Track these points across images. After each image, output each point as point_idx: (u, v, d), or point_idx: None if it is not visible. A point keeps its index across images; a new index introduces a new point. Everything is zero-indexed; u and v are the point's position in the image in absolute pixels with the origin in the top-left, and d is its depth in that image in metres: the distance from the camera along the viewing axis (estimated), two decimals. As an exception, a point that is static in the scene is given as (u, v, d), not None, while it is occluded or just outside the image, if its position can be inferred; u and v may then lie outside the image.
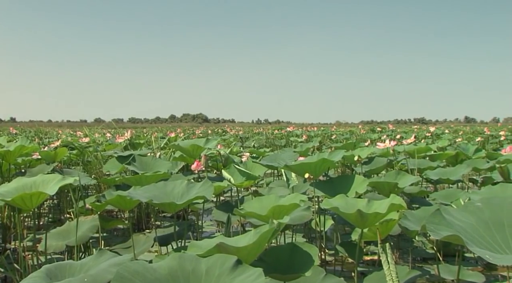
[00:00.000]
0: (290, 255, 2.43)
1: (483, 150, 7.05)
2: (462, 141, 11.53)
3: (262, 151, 7.75)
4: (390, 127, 24.15)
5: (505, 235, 1.67)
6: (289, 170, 3.90)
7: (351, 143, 8.01)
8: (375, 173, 5.40)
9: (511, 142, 11.19)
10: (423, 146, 6.67)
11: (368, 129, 24.28)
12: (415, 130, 23.64)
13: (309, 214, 3.31)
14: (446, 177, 4.87)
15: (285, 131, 19.62)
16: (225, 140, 13.53)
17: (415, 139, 12.40)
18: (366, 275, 3.01)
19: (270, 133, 18.94)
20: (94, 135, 10.75)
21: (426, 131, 19.37)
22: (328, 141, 13.70)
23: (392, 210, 2.55)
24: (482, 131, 19.28)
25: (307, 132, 18.29)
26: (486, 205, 1.79)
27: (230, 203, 4.06)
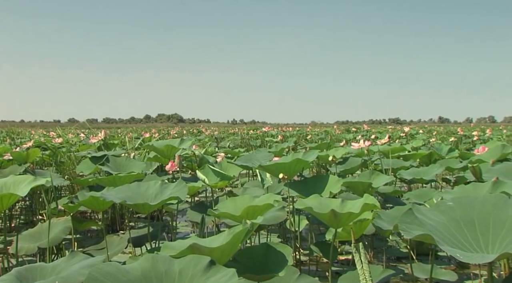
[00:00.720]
0: (264, 256, 2.43)
1: (456, 150, 7.12)
2: (435, 141, 11.64)
3: (237, 152, 7.74)
4: (365, 127, 24.27)
5: (476, 234, 1.69)
6: (263, 171, 3.90)
7: (326, 143, 8.03)
8: (350, 173, 5.42)
9: (484, 142, 11.30)
10: (397, 146, 6.72)
11: (343, 129, 24.40)
12: (389, 130, 23.80)
13: (283, 214, 3.31)
14: (419, 176, 4.91)
15: (261, 131, 19.60)
16: (200, 140, 13.49)
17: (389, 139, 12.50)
18: (341, 274, 3.02)
19: (245, 133, 18.91)
20: (68, 135, 10.64)
21: (401, 131, 19.52)
22: (303, 141, 13.73)
23: (365, 209, 2.56)
24: (456, 131, 19.49)
25: (282, 132, 18.31)
26: (458, 204, 1.80)
27: (205, 203, 4.04)
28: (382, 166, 5.30)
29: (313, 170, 7.13)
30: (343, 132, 20.36)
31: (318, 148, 7.39)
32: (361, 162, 5.37)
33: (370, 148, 6.22)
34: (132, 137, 10.20)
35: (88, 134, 13.18)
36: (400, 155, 6.47)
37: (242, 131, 21.53)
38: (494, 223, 1.71)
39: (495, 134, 17.65)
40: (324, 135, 16.56)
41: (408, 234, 1.55)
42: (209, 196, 5.24)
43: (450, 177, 6.32)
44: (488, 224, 1.71)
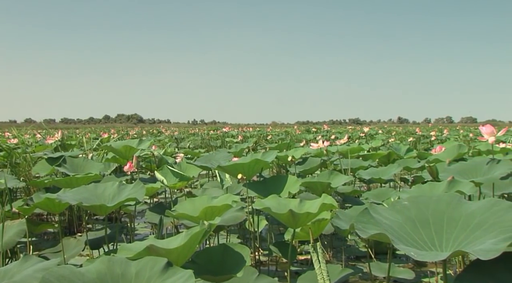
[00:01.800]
0: (222, 256, 2.42)
1: (414, 150, 7.22)
2: (394, 141, 11.79)
3: (197, 152, 7.72)
4: (325, 128, 24.46)
5: (431, 232, 1.71)
6: (222, 171, 3.89)
7: (286, 144, 8.05)
8: (309, 173, 5.44)
9: (441, 142, 11.51)
10: (356, 146, 6.78)
11: (304, 129, 24.53)
12: (349, 130, 24.02)
13: (242, 215, 3.31)
14: (378, 176, 4.96)
15: (221, 131, 19.58)
16: (160, 141, 13.41)
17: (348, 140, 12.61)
18: (300, 274, 3.03)
19: (205, 133, 18.87)
20: (24, 136, 10.45)
21: (360, 132, 19.73)
22: (264, 141, 13.76)
23: (323, 209, 2.57)
24: (414, 132, 19.78)
25: (243, 133, 18.33)
26: (413, 203, 1.82)
27: (164, 204, 4.01)
28: (341, 166, 5.34)
29: (273, 170, 7.14)
30: (304, 132, 20.45)
31: (278, 148, 7.41)
32: (320, 162, 5.40)
33: (330, 148, 6.27)
34: (91, 137, 10.06)
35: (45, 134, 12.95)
36: (359, 155, 6.54)
37: (202, 132, 21.48)
38: (448, 222, 1.73)
39: (452, 134, 17.98)
40: (285, 135, 16.62)
41: (364, 234, 1.56)
42: (169, 197, 5.21)
43: (408, 176, 6.41)
44: (442, 223, 1.73)
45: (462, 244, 1.61)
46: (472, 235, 1.63)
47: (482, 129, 3.75)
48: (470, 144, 9.85)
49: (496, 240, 1.47)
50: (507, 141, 9.64)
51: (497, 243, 1.43)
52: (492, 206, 1.69)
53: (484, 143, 6.76)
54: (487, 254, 1.33)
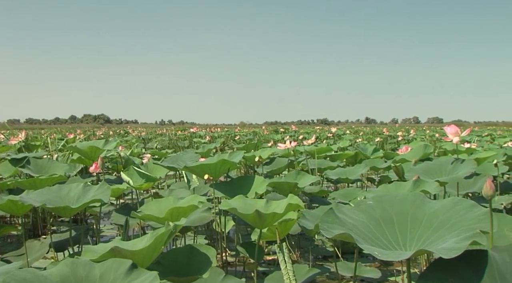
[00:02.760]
0: (188, 257, 2.41)
1: (381, 150, 7.29)
2: (361, 142, 11.88)
3: (165, 153, 7.68)
4: (293, 128, 24.56)
5: (395, 232, 1.72)
6: (189, 172, 3.87)
7: (254, 144, 8.06)
8: (277, 174, 5.46)
9: (408, 142, 11.64)
10: (323, 147, 6.82)
11: (272, 129, 24.58)
12: (317, 131, 24.13)
13: (209, 216, 3.30)
14: (345, 176, 4.99)
15: (189, 132, 19.52)
16: (127, 141, 13.31)
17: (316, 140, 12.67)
18: (268, 274, 3.03)
19: (173, 134, 18.79)
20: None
21: (328, 132, 19.83)
22: (232, 142, 13.75)
23: (289, 210, 2.58)
24: (381, 132, 19.97)
25: (210, 133, 18.29)
26: (377, 203, 1.83)
27: (130, 206, 3.98)
28: (308, 166, 5.36)
29: (240, 170, 7.14)
30: (271, 132, 20.49)
31: (245, 148, 7.42)
32: (288, 162, 5.41)
33: (297, 148, 6.28)
34: (56, 138, 9.93)
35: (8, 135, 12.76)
36: (327, 155, 6.57)
37: (170, 132, 21.36)
38: (412, 221, 1.74)
39: (418, 134, 18.21)
40: (253, 135, 16.63)
41: (328, 234, 1.56)
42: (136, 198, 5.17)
43: (375, 176, 6.46)
44: (406, 222, 1.74)
45: (426, 243, 1.63)
46: (435, 234, 1.65)
47: (447, 129, 3.80)
48: (436, 144, 9.98)
49: (458, 239, 1.49)
50: (471, 141, 9.80)
51: (459, 241, 1.45)
52: (454, 205, 1.71)
53: (449, 143, 6.85)
54: (449, 253, 1.35)
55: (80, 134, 15.28)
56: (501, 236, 2.01)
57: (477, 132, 20.02)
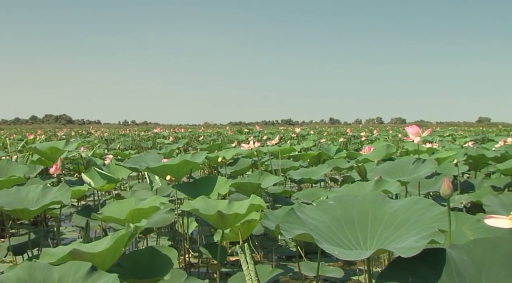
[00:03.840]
0: (150, 259, 2.39)
1: (344, 150, 7.34)
2: (325, 142, 11.95)
3: (127, 153, 7.61)
4: (257, 128, 24.58)
5: (355, 231, 1.73)
6: (151, 172, 3.84)
7: (217, 145, 8.04)
8: (241, 174, 5.45)
9: (371, 142, 11.76)
10: (287, 147, 6.84)
11: (236, 130, 24.61)
12: (281, 131, 24.25)
13: (171, 217, 3.27)
14: (308, 176, 5.01)
15: (152, 132, 19.41)
16: (89, 142, 13.18)
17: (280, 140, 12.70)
18: (231, 275, 3.02)
19: (136, 134, 18.66)
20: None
21: (292, 132, 19.92)
22: (195, 142, 13.71)
23: (252, 210, 2.58)
24: (345, 132, 20.14)
25: (174, 134, 18.22)
26: (338, 203, 1.84)
27: (92, 207, 3.92)
28: (272, 166, 5.37)
29: (204, 171, 7.12)
30: (236, 133, 20.51)
31: (209, 149, 7.39)
32: (251, 163, 5.41)
33: (261, 149, 6.29)
34: (15, 139, 9.76)
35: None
36: (290, 155, 6.59)
37: (133, 133, 21.21)
38: (372, 221, 1.75)
39: (382, 134, 18.43)
40: (217, 136, 16.60)
41: (289, 234, 1.56)
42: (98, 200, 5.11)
43: (339, 176, 6.50)
44: (366, 222, 1.75)
45: (386, 243, 1.64)
46: (395, 233, 1.66)
47: (408, 129, 3.83)
48: (399, 144, 10.10)
49: (417, 238, 1.50)
50: (433, 141, 9.94)
51: (418, 240, 1.46)
52: (414, 205, 1.73)
53: (411, 143, 6.93)
54: (408, 252, 1.36)
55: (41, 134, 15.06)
56: (460, 235, 2.04)
57: (439, 132, 20.34)
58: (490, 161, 5.45)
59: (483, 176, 5.46)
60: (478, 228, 2.02)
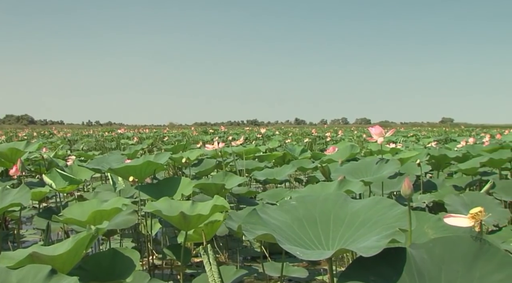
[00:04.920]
0: (111, 261, 2.36)
1: (309, 150, 7.37)
2: (290, 142, 11.99)
3: (91, 154, 7.53)
4: (223, 129, 24.58)
5: (318, 231, 1.73)
6: (114, 174, 3.80)
7: (182, 145, 8.01)
8: (205, 175, 5.43)
9: (336, 142, 11.84)
10: (252, 148, 6.84)
11: (201, 130, 24.55)
12: (247, 131, 24.23)
13: (134, 218, 3.24)
14: (273, 177, 5.02)
15: (116, 133, 19.24)
16: (52, 143, 12.99)
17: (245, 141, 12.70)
18: (195, 276, 3.00)
19: (100, 135, 18.47)
20: None
21: (258, 133, 19.94)
22: (160, 143, 13.64)
23: (215, 211, 2.56)
24: (310, 133, 20.24)
25: (138, 134, 18.10)
26: (301, 203, 1.84)
27: (53, 209, 3.86)
28: (236, 167, 5.36)
29: (169, 172, 7.07)
30: (201, 133, 20.45)
31: (173, 150, 7.36)
32: (216, 163, 5.39)
33: (226, 149, 6.28)
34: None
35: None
36: (255, 156, 6.59)
37: (97, 133, 20.99)
38: (334, 221, 1.76)
39: (346, 135, 18.57)
40: (181, 136, 16.53)
41: (251, 234, 1.56)
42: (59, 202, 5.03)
43: (303, 177, 6.52)
44: (328, 222, 1.76)
45: (348, 242, 1.65)
46: (356, 233, 1.67)
47: (372, 130, 3.86)
48: (364, 145, 10.19)
49: (378, 237, 1.51)
50: (397, 142, 10.06)
51: (379, 240, 1.48)
52: (375, 204, 1.75)
53: (375, 144, 7.00)
54: (369, 251, 1.37)
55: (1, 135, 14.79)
56: (422, 234, 2.05)
57: (403, 133, 20.60)
58: (452, 161, 5.54)
59: (446, 176, 5.55)
60: (439, 227, 2.04)
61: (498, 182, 4.31)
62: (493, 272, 1.33)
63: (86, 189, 6.21)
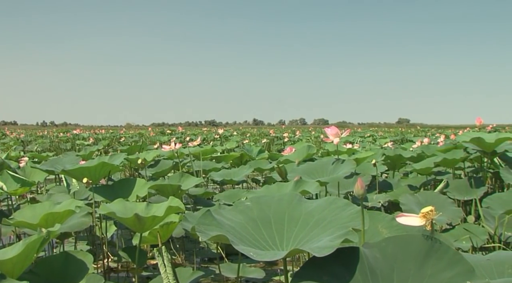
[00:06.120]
0: (64, 265, 2.31)
1: (267, 151, 7.38)
2: (248, 143, 12.01)
3: (45, 155, 7.40)
4: (180, 129, 24.46)
5: (272, 232, 1.73)
6: (67, 175, 3.73)
7: (138, 146, 7.93)
8: (162, 176, 5.38)
9: (293, 143, 11.90)
10: (209, 148, 6.82)
11: (158, 131, 24.38)
12: (204, 132, 24.18)
13: (88, 221, 3.19)
14: (229, 178, 5.01)
15: (71, 134, 18.98)
16: (4, 143, 12.73)
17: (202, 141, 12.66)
18: (151, 279, 2.97)
19: (55, 136, 18.19)
20: None
21: (215, 133, 19.92)
22: (116, 144, 13.50)
23: (170, 212, 2.54)
24: (268, 133, 20.30)
25: (95, 135, 17.89)
26: (255, 204, 1.84)
27: (5, 212, 3.77)
28: (193, 168, 5.33)
29: (125, 173, 7.00)
30: (158, 134, 20.32)
31: (129, 150, 7.28)
32: (173, 164, 5.36)
33: (182, 150, 6.25)
34: None
35: None
36: (212, 157, 6.57)
37: (51, 134, 20.65)
38: (289, 221, 1.76)
39: (304, 135, 18.70)
40: (138, 137, 16.41)
41: (204, 236, 1.54)
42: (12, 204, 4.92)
43: (261, 177, 6.53)
44: (283, 222, 1.76)
45: (302, 242, 1.65)
46: (311, 233, 1.68)
47: (328, 130, 3.89)
48: (321, 145, 10.27)
49: (332, 237, 1.52)
50: (354, 142, 10.16)
51: (333, 239, 1.48)
52: (329, 205, 1.76)
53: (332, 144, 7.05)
54: (322, 251, 1.37)
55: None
56: (376, 233, 2.07)
57: (360, 133, 20.83)
58: (407, 161, 5.62)
59: (401, 176, 5.62)
60: (393, 226, 2.06)
61: (452, 182, 4.40)
62: (444, 269, 1.35)
63: (39, 191, 6.09)
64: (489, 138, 4.23)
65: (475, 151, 4.57)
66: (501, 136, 4.28)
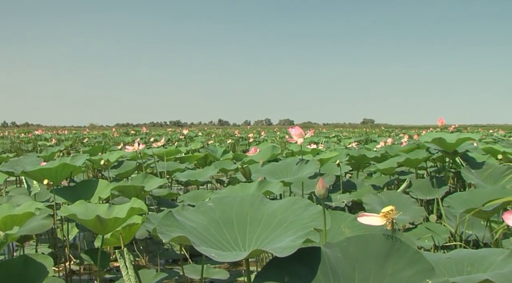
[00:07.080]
0: (23, 268, 2.27)
1: (231, 151, 7.39)
2: (213, 143, 11.99)
3: (5, 157, 7.26)
4: (144, 130, 24.29)
5: (234, 232, 1.73)
6: (28, 177, 3.67)
7: (100, 147, 7.84)
8: (125, 177, 5.34)
9: (258, 143, 11.92)
10: (172, 149, 6.79)
11: (122, 132, 24.18)
12: (169, 132, 24.06)
13: (49, 223, 3.13)
14: (194, 178, 4.99)
15: (33, 134, 18.70)
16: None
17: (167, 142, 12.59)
18: (114, 281, 2.95)
19: (16, 136, 17.90)
20: None
21: (180, 134, 19.85)
22: (79, 144, 13.35)
23: (132, 214, 2.52)
24: (233, 134, 20.30)
25: (57, 136, 17.65)
26: (218, 204, 1.84)
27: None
28: (157, 169, 5.30)
29: (89, 175, 6.91)
30: (122, 135, 20.15)
31: (92, 151, 7.20)
32: (136, 165, 5.31)
33: (146, 151, 6.20)
34: None
35: None
36: (177, 157, 6.54)
37: (12, 135, 20.32)
38: (251, 222, 1.76)
39: (269, 136, 18.73)
40: (102, 138, 16.25)
41: (165, 237, 1.53)
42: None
43: (225, 178, 6.53)
44: (245, 223, 1.76)
45: (264, 243, 1.65)
46: (273, 233, 1.68)
47: (291, 131, 3.90)
48: (286, 145, 10.30)
49: (293, 237, 1.53)
50: (320, 142, 10.22)
51: (294, 240, 1.49)
52: (292, 205, 1.76)
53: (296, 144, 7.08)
54: (284, 251, 1.37)
55: None
56: (339, 233, 2.08)
57: (325, 134, 20.97)
58: (371, 161, 5.67)
59: (365, 176, 5.68)
60: (356, 226, 2.07)
61: (415, 181, 4.46)
62: (404, 268, 1.36)
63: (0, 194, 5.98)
64: (450, 138, 4.29)
65: (437, 151, 4.63)
66: (462, 136, 4.35)
